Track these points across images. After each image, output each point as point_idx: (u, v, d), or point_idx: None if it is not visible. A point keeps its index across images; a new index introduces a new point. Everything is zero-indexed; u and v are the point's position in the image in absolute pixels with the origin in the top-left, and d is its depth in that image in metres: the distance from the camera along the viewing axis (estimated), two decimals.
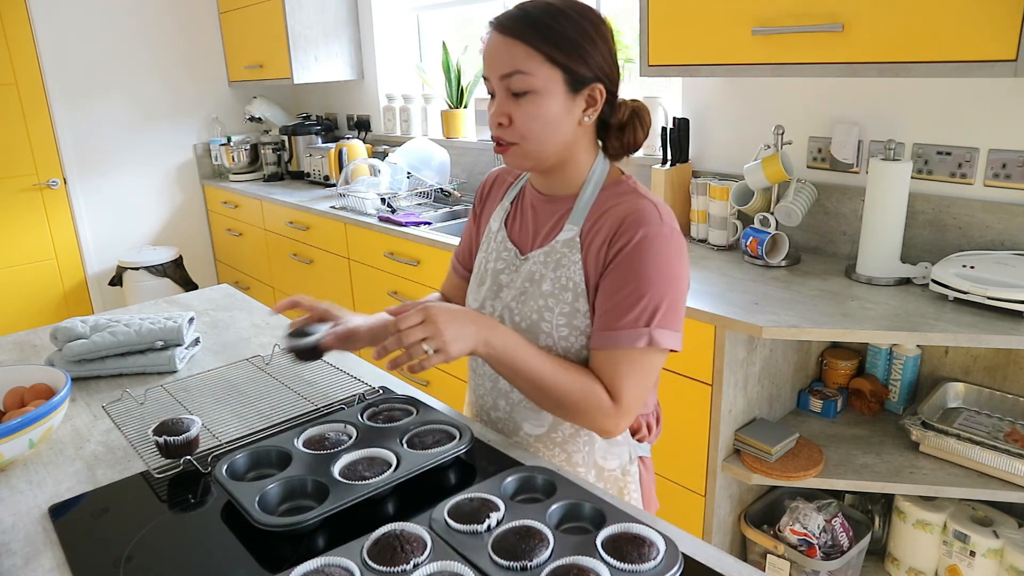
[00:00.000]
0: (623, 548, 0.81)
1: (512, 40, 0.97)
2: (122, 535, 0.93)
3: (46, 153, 3.67)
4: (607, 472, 1.14)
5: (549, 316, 1.04)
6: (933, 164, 1.80)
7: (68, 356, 1.40)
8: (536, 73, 0.96)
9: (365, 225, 2.80)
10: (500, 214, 1.17)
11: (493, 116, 1.01)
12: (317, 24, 3.52)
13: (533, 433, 1.12)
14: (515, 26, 0.97)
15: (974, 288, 1.52)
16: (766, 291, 1.74)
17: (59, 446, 1.17)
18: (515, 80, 0.97)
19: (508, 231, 1.14)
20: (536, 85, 0.96)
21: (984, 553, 1.61)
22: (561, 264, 1.05)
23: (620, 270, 0.98)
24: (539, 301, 1.05)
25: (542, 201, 1.11)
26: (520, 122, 0.99)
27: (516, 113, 0.99)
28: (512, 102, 0.99)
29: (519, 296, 1.08)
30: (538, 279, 1.06)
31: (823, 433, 1.81)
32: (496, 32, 0.99)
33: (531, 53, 0.96)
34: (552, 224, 1.08)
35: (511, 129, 1.00)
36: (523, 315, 1.07)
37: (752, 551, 1.80)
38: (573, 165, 1.06)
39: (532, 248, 1.10)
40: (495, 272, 1.13)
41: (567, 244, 1.05)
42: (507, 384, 1.11)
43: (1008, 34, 1.35)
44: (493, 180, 1.24)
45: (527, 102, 0.98)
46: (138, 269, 3.77)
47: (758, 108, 2.13)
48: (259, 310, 1.79)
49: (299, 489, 0.97)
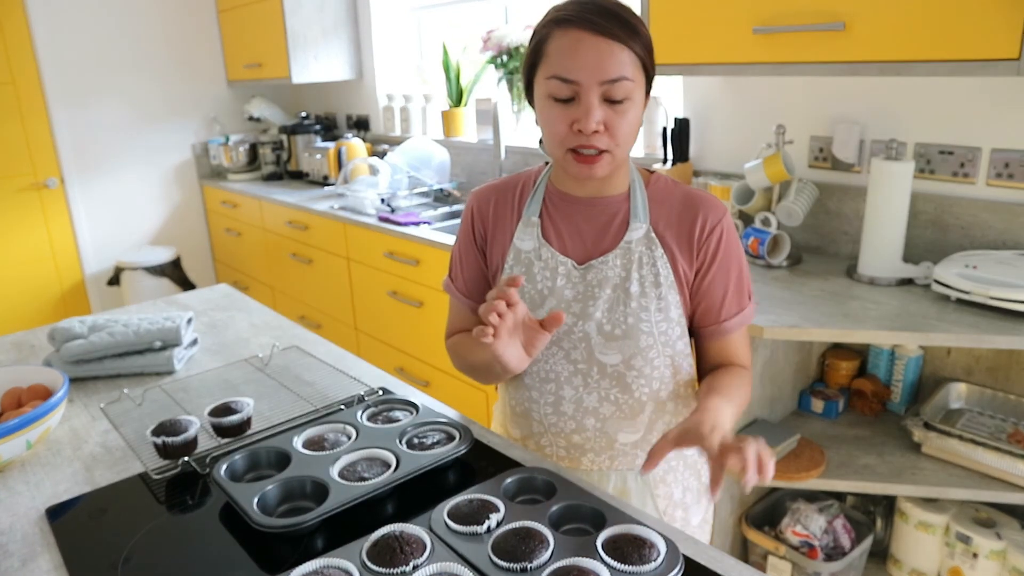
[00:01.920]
0: (623, 549, 0.81)
1: (616, 44, 0.92)
2: (120, 536, 0.92)
3: (44, 153, 3.66)
4: (689, 458, 1.16)
5: (646, 316, 1.03)
6: (935, 163, 1.80)
7: (66, 356, 1.40)
8: (637, 80, 0.95)
9: (364, 225, 2.80)
10: (530, 231, 1.09)
11: (585, 123, 0.94)
12: (316, 23, 3.52)
13: (630, 440, 1.10)
14: (616, 29, 0.92)
15: (976, 288, 1.52)
16: (767, 291, 1.73)
17: (57, 447, 1.17)
18: (619, 87, 0.93)
19: (554, 246, 1.08)
20: (633, 91, 0.95)
21: (987, 555, 1.60)
22: (643, 262, 1.04)
23: (728, 263, 1.05)
24: (631, 304, 1.03)
25: (585, 206, 1.07)
26: (617, 129, 0.95)
27: (613, 120, 0.95)
28: (608, 108, 0.94)
29: (602, 305, 1.04)
30: (619, 283, 1.04)
31: (824, 434, 1.80)
32: (590, 33, 0.92)
33: (634, 59, 0.93)
34: (612, 226, 1.06)
35: (605, 137, 0.95)
36: (615, 322, 1.04)
37: (753, 552, 1.80)
38: (624, 167, 1.06)
39: (593, 255, 1.06)
40: (557, 290, 1.06)
41: (642, 241, 1.04)
42: (595, 400, 1.08)
43: (1011, 33, 1.34)
44: (489, 196, 1.14)
45: (625, 109, 0.95)
46: (136, 269, 3.76)
47: (759, 107, 2.12)
48: (258, 310, 1.78)
49: (298, 490, 0.97)
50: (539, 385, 1.11)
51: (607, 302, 1.04)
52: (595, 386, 1.07)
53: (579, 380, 1.07)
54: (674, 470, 1.14)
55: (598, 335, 1.04)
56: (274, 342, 1.54)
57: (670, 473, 1.13)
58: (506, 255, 1.11)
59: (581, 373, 1.07)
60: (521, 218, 1.10)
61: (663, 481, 1.13)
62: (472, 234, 1.15)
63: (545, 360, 1.09)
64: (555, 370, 1.08)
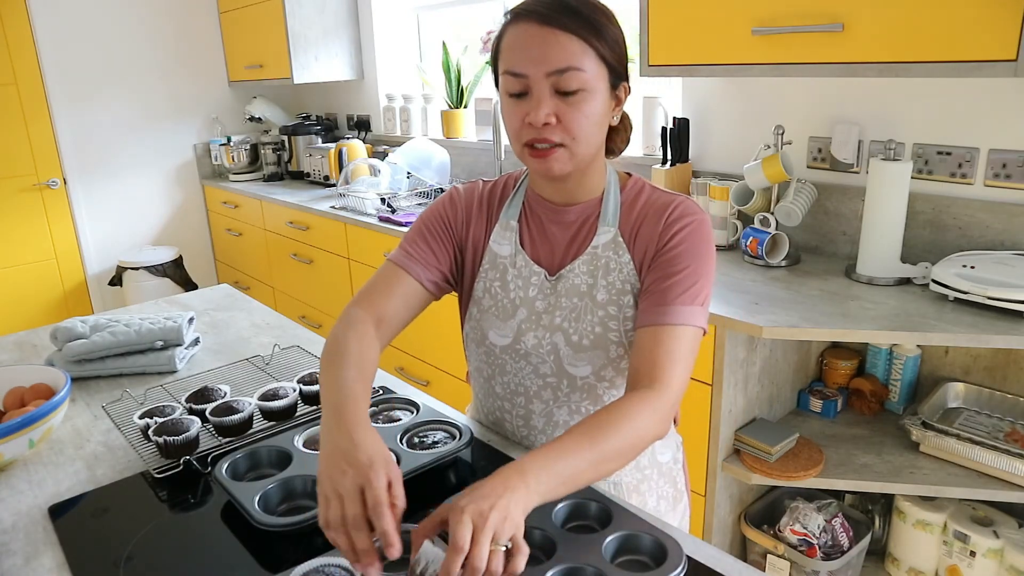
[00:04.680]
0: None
1: (564, 34, 0.88)
2: (122, 535, 0.93)
3: (46, 153, 3.67)
4: (664, 466, 1.12)
5: (615, 324, 0.99)
6: (933, 164, 1.80)
7: (68, 356, 1.40)
8: (589, 70, 0.90)
9: (365, 225, 2.80)
10: (508, 236, 1.06)
11: (535, 115, 0.90)
12: (317, 24, 3.52)
13: None
14: (564, 19, 0.89)
15: (974, 288, 1.52)
16: (766, 291, 1.74)
17: (59, 446, 1.17)
18: (568, 77, 0.89)
19: (528, 253, 1.05)
20: (588, 83, 0.90)
21: (984, 553, 1.61)
22: (610, 268, 0.99)
23: (678, 252, 0.95)
24: (598, 313, 0.99)
25: (556, 212, 1.04)
26: (571, 122, 0.91)
27: (566, 112, 0.91)
28: (560, 100, 0.90)
29: (570, 315, 1.01)
30: (586, 291, 1.00)
31: (823, 433, 1.81)
32: (537, 24, 0.89)
33: (585, 49, 0.89)
34: (578, 233, 1.03)
35: (559, 129, 0.91)
36: (582, 333, 1.00)
37: (752, 551, 1.80)
38: (595, 167, 1.01)
39: (562, 263, 1.03)
40: (528, 300, 1.03)
41: (609, 246, 1.00)
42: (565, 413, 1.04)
43: (1008, 34, 1.35)
44: (477, 198, 1.10)
45: (579, 100, 0.90)
46: (138, 269, 3.77)
47: (758, 108, 2.13)
48: (259, 310, 1.79)
49: (299, 489, 0.97)
50: (510, 397, 1.09)
51: (574, 311, 1.00)
52: (565, 400, 1.04)
53: (548, 394, 1.05)
54: (648, 479, 1.11)
55: (566, 346, 1.01)
56: (275, 342, 1.54)
57: (644, 483, 1.10)
58: (480, 256, 1.08)
59: (551, 387, 1.04)
60: (499, 220, 1.08)
61: (636, 491, 1.10)
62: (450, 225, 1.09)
63: (514, 374, 1.06)
64: (524, 384, 1.06)
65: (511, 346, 1.05)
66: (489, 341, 1.07)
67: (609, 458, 0.82)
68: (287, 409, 1.19)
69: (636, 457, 0.89)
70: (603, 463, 0.82)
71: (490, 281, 1.07)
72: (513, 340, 1.05)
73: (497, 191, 1.11)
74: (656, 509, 1.12)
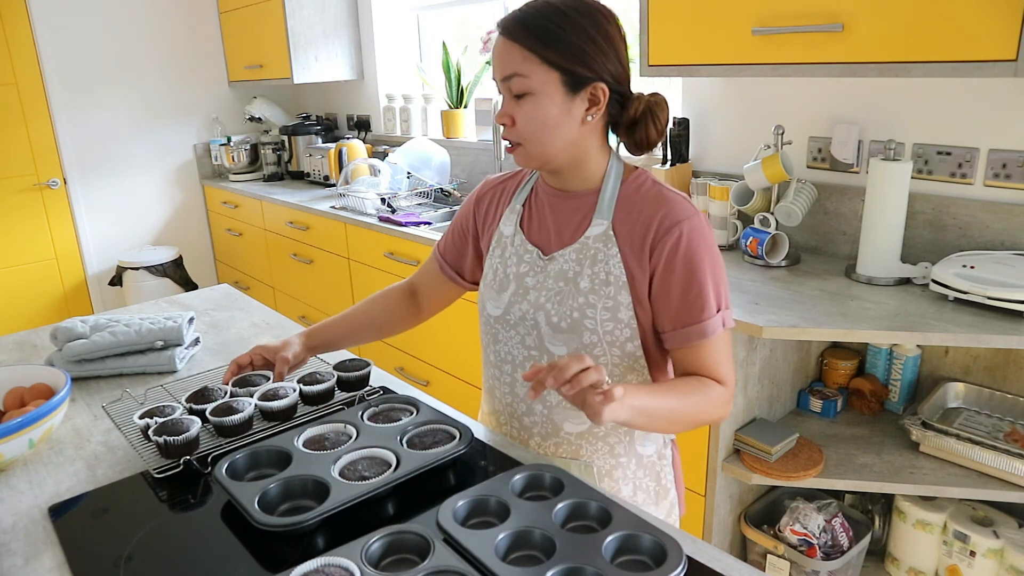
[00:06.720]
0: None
1: (511, 43, 0.99)
2: (122, 535, 0.93)
3: (46, 153, 3.67)
4: (645, 458, 1.15)
5: (592, 312, 1.04)
6: (933, 164, 1.80)
7: (68, 356, 1.40)
8: (532, 75, 0.98)
9: (365, 225, 2.80)
10: (512, 218, 1.15)
11: (498, 117, 1.04)
12: (317, 24, 3.52)
13: (574, 431, 1.11)
14: (514, 29, 0.99)
15: (974, 288, 1.52)
16: (766, 291, 1.74)
17: (59, 446, 1.18)
18: (514, 82, 0.99)
19: (526, 233, 1.13)
20: (533, 87, 0.98)
21: (984, 553, 1.61)
22: (597, 259, 1.04)
23: (680, 269, 1.01)
24: (579, 299, 1.05)
25: (559, 198, 1.10)
26: (520, 123, 1.01)
27: (517, 114, 1.01)
28: (514, 103, 1.01)
29: (554, 297, 1.07)
30: (573, 277, 1.06)
31: (823, 433, 1.81)
32: (499, 36, 1.01)
33: (527, 55, 0.98)
34: (576, 221, 1.08)
35: (514, 130, 1.02)
36: (562, 315, 1.05)
37: (752, 551, 1.80)
38: (587, 162, 1.06)
39: (555, 247, 1.09)
40: (519, 276, 1.11)
41: (600, 239, 1.05)
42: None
43: (1008, 34, 1.35)
44: (492, 187, 1.23)
45: (526, 103, 1.00)
46: (138, 269, 3.77)
47: (758, 108, 2.13)
48: (259, 310, 1.79)
49: (299, 489, 0.97)
50: (500, 365, 1.16)
51: (559, 294, 1.06)
52: None
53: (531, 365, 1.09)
54: (623, 466, 1.13)
55: (546, 325, 1.07)
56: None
57: (618, 469, 1.13)
58: (492, 238, 1.19)
59: (534, 359, 1.11)
60: (510, 204, 1.18)
61: (610, 476, 1.12)
62: (473, 211, 1.24)
63: (504, 343, 1.14)
64: (512, 353, 1.13)
65: (503, 316, 1.13)
66: (487, 312, 1.16)
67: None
68: (287, 409, 1.19)
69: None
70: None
71: (494, 258, 1.17)
72: (504, 311, 1.12)
73: (516, 180, 1.21)
74: (633, 499, 1.14)
